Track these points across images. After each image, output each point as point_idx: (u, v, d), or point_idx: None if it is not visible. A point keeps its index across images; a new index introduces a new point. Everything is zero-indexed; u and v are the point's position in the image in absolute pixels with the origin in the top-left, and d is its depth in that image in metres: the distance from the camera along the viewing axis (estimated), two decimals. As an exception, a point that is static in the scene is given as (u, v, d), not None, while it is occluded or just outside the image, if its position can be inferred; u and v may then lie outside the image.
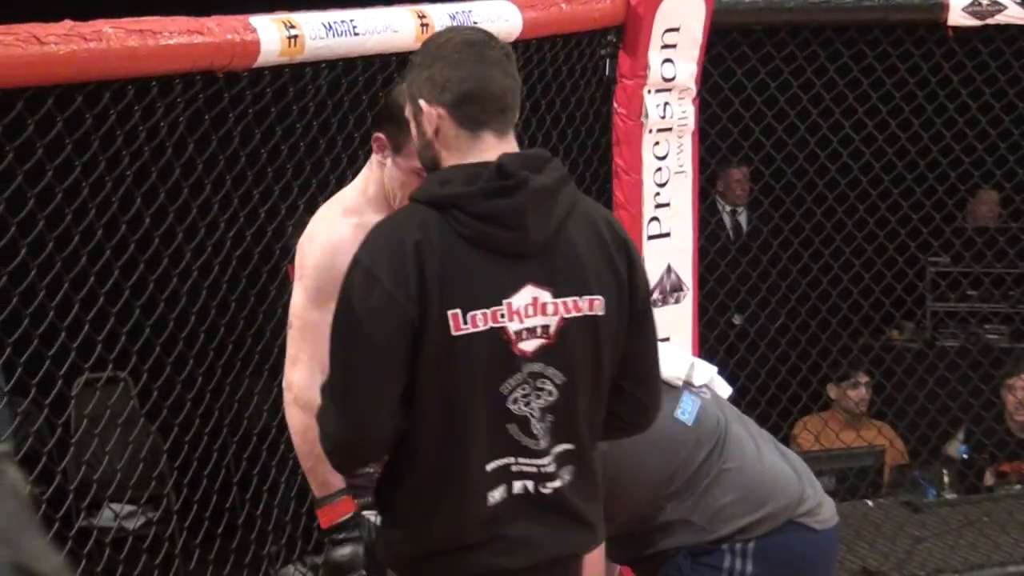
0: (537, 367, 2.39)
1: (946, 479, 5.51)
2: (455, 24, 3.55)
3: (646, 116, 4.35)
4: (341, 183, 3.43)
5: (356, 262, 2.40)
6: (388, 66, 3.89)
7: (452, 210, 2.35)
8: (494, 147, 2.40)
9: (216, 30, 3.09)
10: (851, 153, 5.62)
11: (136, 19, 2.98)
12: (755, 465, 2.91)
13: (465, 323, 2.35)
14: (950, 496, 5.45)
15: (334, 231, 2.90)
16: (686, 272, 4.52)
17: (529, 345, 2.39)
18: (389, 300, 2.33)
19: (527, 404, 2.40)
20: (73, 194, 3.26)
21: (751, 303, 5.72)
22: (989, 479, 5.70)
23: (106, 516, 4.64)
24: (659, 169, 4.44)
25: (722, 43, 4.92)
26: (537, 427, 2.41)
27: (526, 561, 2.44)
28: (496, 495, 2.41)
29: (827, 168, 5.63)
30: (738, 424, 2.97)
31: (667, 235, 4.47)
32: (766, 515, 2.88)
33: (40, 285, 3.22)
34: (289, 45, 3.23)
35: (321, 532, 2.93)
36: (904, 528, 5.10)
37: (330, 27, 3.37)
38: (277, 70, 3.48)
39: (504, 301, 2.37)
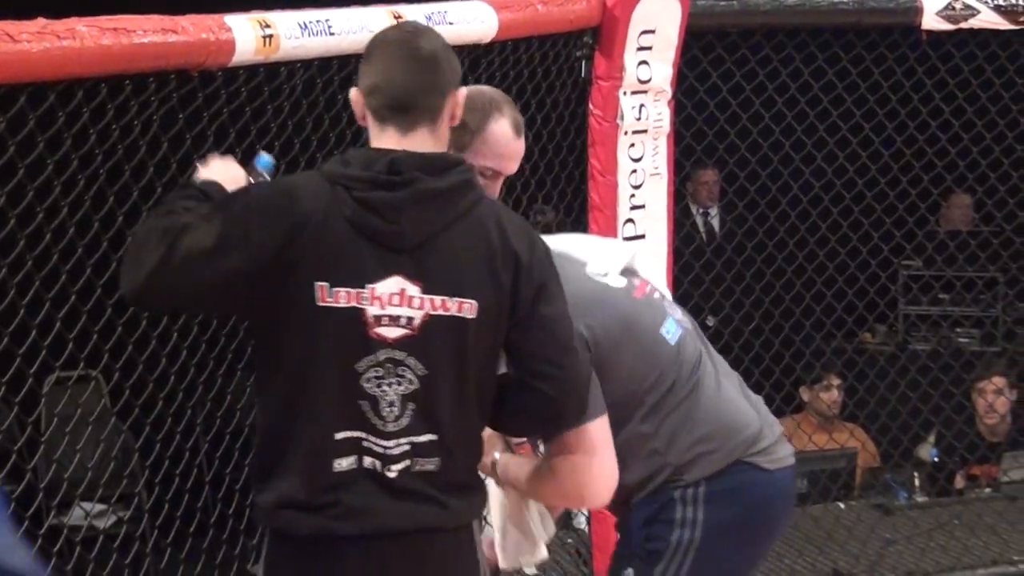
0: (399, 355, 2.51)
1: (917, 482, 5.54)
2: (431, 24, 3.55)
3: (621, 118, 4.36)
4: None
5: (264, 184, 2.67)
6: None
7: (342, 189, 2.50)
8: (397, 142, 2.54)
9: (191, 29, 3.08)
10: (825, 156, 5.64)
11: (110, 17, 2.96)
12: (716, 399, 2.92)
13: (330, 296, 2.49)
14: (921, 499, 5.48)
15: None
16: (661, 274, 4.52)
17: (391, 332, 2.50)
18: (258, 227, 2.48)
19: (379, 386, 2.51)
20: (45, 192, 3.24)
21: (725, 305, 5.73)
22: (960, 482, 5.73)
23: (76, 515, 4.62)
24: (634, 171, 4.45)
25: (697, 45, 4.93)
26: (387, 410, 2.51)
27: (358, 528, 2.52)
28: (343, 464, 2.52)
29: (801, 171, 5.65)
30: (708, 358, 2.99)
31: (642, 237, 4.48)
32: (720, 447, 2.88)
33: (11, 283, 3.21)
34: (264, 44, 3.22)
35: None
36: (875, 530, 5.12)
37: (305, 27, 3.36)
38: (252, 69, 3.47)
39: (368, 285, 2.49)
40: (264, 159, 2.79)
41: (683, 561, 2.86)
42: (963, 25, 4.90)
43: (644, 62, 4.39)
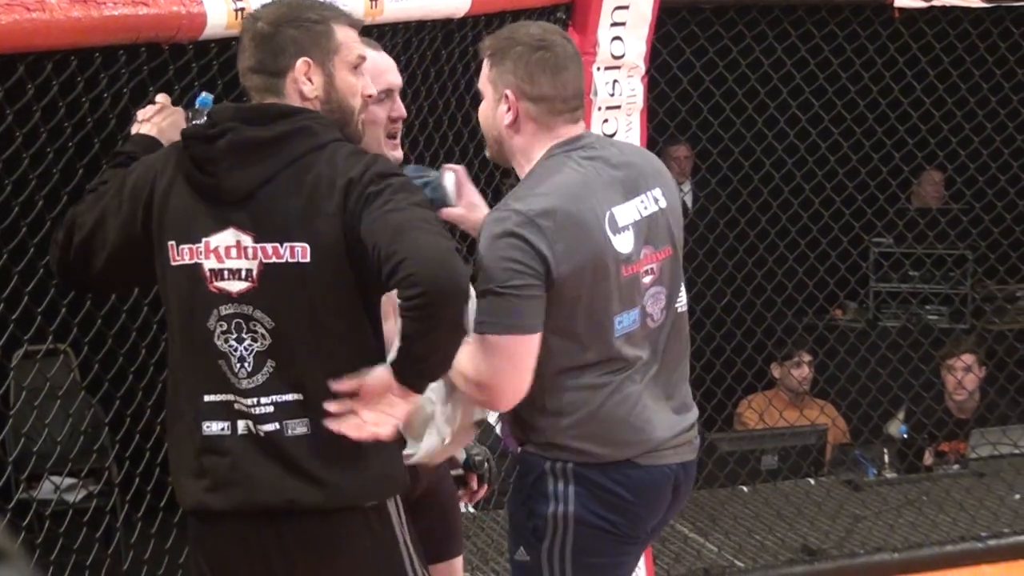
0: (245, 309, 2.50)
1: (886, 458, 5.57)
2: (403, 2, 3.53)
3: (595, 94, 4.35)
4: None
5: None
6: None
7: (183, 148, 2.56)
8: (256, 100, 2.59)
9: (162, 1, 3.05)
10: (797, 133, 5.65)
11: (80, -11, 2.93)
12: (631, 407, 2.82)
13: (178, 255, 2.54)
14: (890, 475, 5.51)
15: None
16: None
17: (233, 286, 2.50)
18: (127, 197, 2.59)
19: (228, 342, 2.50)
20: (14, 164, 3.22)
21: (697, 281, 5.74)
22: (928, 458, 5.77)
23: (46, 489, 4.60)
24: (607, 147, 4.43)
25: (671, 21, 4.93)
26: (238, 366, 2.50)
27: (229, 503, 2.50)
28: (213, 427, 2.52)
29: (773, 148, 5.66)
30: (653, 363, 2.88)
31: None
32: (604, 453, 2.81)
33: (-21, 256, 3.19)
34: (236, 17, 3.19)
35: None
36: (845, 506, 5.15)
37: (277, 0, 3.33)
38: (224, 43, 3.44)
39: (203, 239, 2.51)
40: (203, 97, 2.80)
41: (565, 535, 2.82)
42: (935, 3, 4.90)
43: (618, 38, 4.38)
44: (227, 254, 2.50)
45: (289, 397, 2.49)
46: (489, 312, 2.70)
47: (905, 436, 5.78)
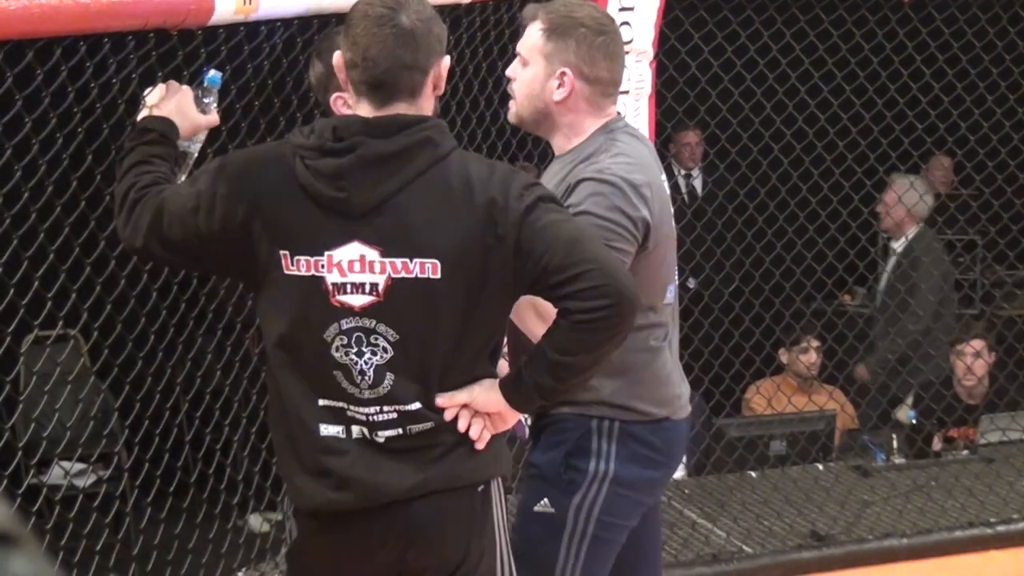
0: (368, 322, 2.49)
1: (895, 444, 5.57)
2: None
3: (603, 79, 4.34)
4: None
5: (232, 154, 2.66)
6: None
7: (298, 158, 2.50)
8: (369, 113, 2.52)
9: (170, -13, 3.05)
10: (806, 118, 5.64)
11: (89, -26, 2.93)
12: (669, 366, 2.99)
13: (292, 265, 2.50)
14: (899, 461, 5.50)
15: None
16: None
17: (356, 300, 2.49)
18: (221, 198, 2.51)
19: (348, 355, 2.50)
20: (23, 150, 3.23)
21: (705, 267, 5.74)
22: (937, 444, 5.76)
23: (56, 474, 4.61)
24: (615, 132, 4.43)
25: (680, 7, 4.92)
26: (359, 378, 2.50)
27: (356, 500, 2.52)
28: (330, 430, 2.53)
29: (782, 133, 5.65)
30: (675, 326, 3.06)
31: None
32: (647, 410, 2.94)
33: (-11, 242, 3.20)
34: (244, 3, 3.20)
35: None
36: (853, 492, 5.15)
37: (285, -13, 3.34)
38: (232, 28, 3.45)
39: (326, 253, 2.49)
40: (212, 76, 2.79)
41: (598, 492, 2.91)
42: (945, -12, 4.89)
43: (626, 23, 4.38)
44: (350, 268, 2.48)
45: (412, 407, 2.52)
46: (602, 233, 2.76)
47: (914, 422, 5.78)
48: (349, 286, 2.48)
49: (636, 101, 4.49)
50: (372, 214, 2.48)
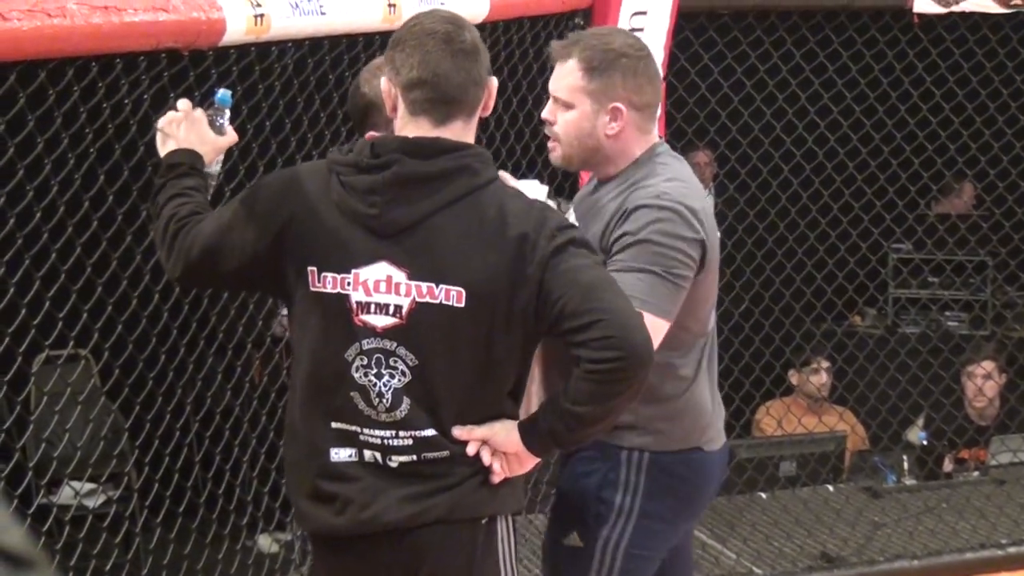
0: (388, 344, 2.47)
1: (906, 465, 5.55)
2: (429, 8, 3.54)
3: (613, 99, 4.35)
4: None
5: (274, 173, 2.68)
6: (355, 46, 3.88)
7: (335, 175, 2.49)
8: (428, 132, 2.49)
9: (181, 8, 3.07)
10: (816, 139, 5.64)
11: (101, -5, 2.95)
12: (704, 390, 2.94)
13: (319, 282, 2.48)
14: (909, 482, 5.49)
15: None
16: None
17: (379, 321, 2.46)
18: (259, 216, 2.52)
19: (367, 376, 2.47)
20: (35, 170, 3.24)
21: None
22: (948, 465, 5.75)
23: (66, 494, 4.62)
24: (625, 153, 4.43)
25: (689, 27, 4.93)
26: (377, 400, 2.47)
27: (354, 525, 2.50)
28: (341, 455, 2.50)
29: (792, 153, 5.65)
30: (713, 351, 3.02)
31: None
32: (679, 435, 2.89)
33: (0, 262, 3.20)
34: (255, 24, 3.21)
35: None
36: (864, 513, 5.14)
37: (297, 6, 3.35)
38: (243, 49, 3.46)
39: (353, 271, 2.47)
40: (222, 95, 2.79)
41: (626, 524, 2.87)
42: (954, 8, 4.90)
43: (636, 44, 4.38)
44: (376, 288, 2.45)
45: (427, 433, 2.49)
46: (647, 291, 2.71)
47: (924, 443, 5.77)
48: (373, 306, 2.46)
49: (646, 122, 4.49)
50: (402, 235, 2.45)
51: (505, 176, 2.80)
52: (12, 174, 3.16)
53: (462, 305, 2.45)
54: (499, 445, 2.53)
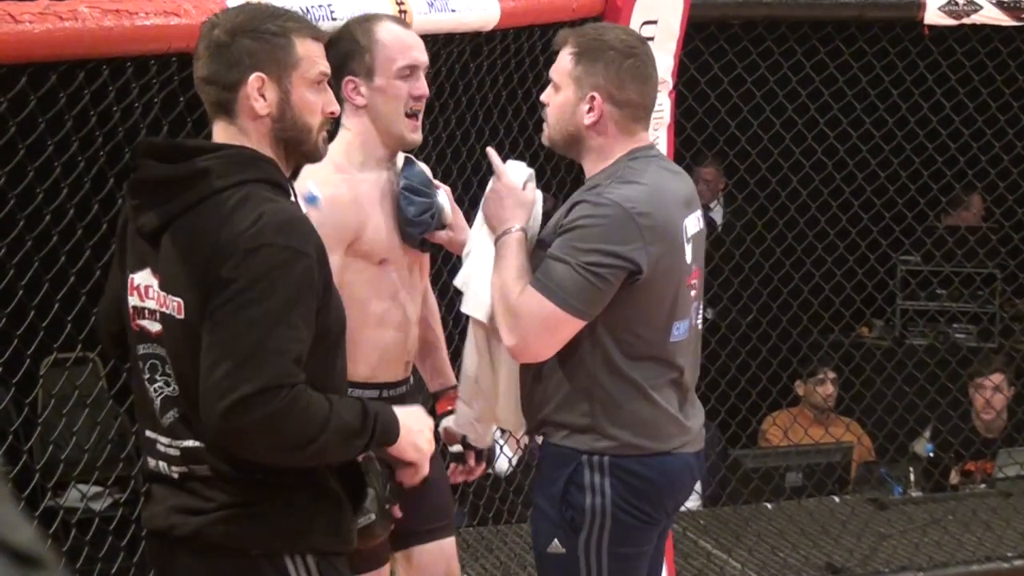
0: (160, 351, 2.41)
1: (912, 477, 5.54)
2: (432, 11, 3.55)
3: (622, 108, 4.35)
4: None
5: None
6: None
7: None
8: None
9: (193, 11, 3.07)
10: (825, 150, 5.64)
11: (112, -1, 2.96)
12: (672, 406, 2.93)
13: (122, 287, 2.47)
14: (916, 494, 5.48)
15: (331, 184, 2.94)
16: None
17: (152, 327, 2.41)
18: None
19: (152, 382, 2.42)
20: (45, 173, 3.24)
21: (723, 297, 5.73)
22: (954, 477, 5.74)
23: (72, 497, 4.62)
24: (634, 161, 4.44)
25: (699, 36, 4.93)
26: (158, 407, 2.42)
27: (147, 527, 2.49)
28: (151, 461, 2.46)
29: (801, 164, 5.65)
30: (693, 365, 3.02)
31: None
32: (639, 445, 2.89)
33: (10, 264, 3.21)
34: (266, 28, 3.21)
35: None
36: (870, 525, 5.13)
37: (307, 11, 3.35)
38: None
39: (130, 275, 2.45)
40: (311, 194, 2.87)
41: (602, 527, 2.88)
42: (965, 20, 4.89)
43: (646, 52, 4.38)
44: (146, 293, 2.41)
45: (189, 443, 2.40)
46: (561, 283, 2.77)
47: (931, 455, 5.76)
48: (145, 311, 2.42)
49: (655, 131, 4.48)
50: (156, 240, 2.40)
51: (491, 154, 2.95)
52: (22, 176, 3.16)
53: (182, 316, 2.35)
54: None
